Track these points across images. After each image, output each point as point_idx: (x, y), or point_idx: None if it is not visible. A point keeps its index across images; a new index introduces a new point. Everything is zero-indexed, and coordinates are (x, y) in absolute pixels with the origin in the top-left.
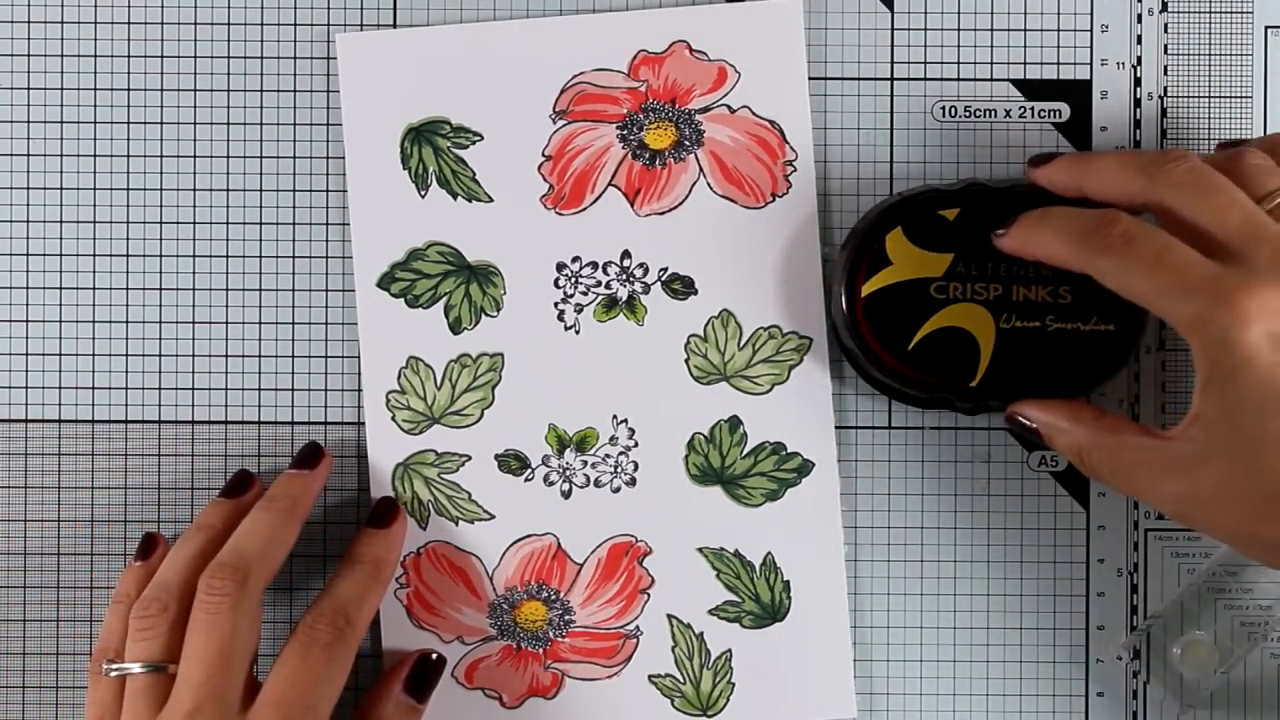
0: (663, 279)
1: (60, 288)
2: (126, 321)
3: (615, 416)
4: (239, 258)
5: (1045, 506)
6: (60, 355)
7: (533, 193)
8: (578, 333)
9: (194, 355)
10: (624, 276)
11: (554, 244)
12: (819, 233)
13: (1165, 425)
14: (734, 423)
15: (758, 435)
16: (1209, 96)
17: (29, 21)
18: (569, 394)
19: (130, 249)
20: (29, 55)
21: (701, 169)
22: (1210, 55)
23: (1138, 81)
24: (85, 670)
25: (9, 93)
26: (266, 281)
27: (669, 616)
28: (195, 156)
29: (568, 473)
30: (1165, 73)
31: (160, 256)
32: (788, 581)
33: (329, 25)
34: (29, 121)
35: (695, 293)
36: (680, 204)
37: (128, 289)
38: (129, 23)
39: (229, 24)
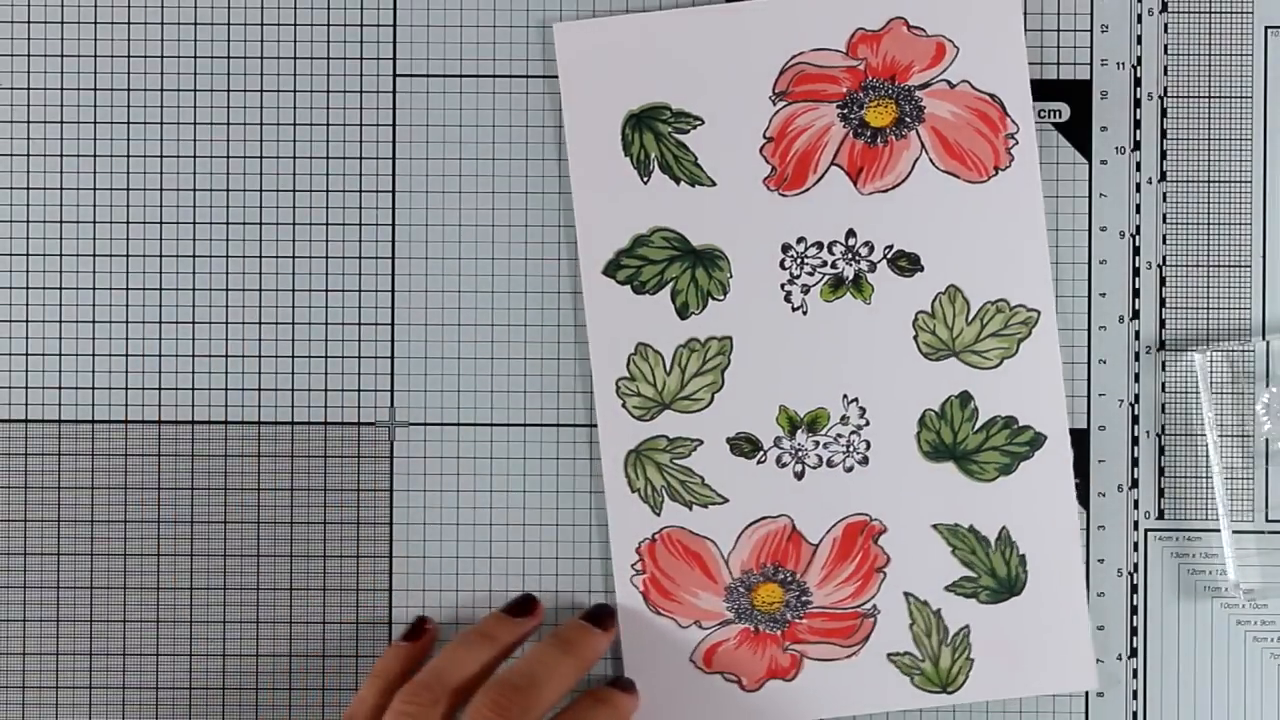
0: (888, 256)
1: (60, 288)
2: (126, 321)
3: (845, 396)
4: (239, 258)
5: None
6: (60, 355)
7: (755, 175)
8: (805, 313)
9: (194, 355)
10: (849, 255)
11: (778, 225)
12: (1043, 205)
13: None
14: (965, 398)
15: (989, 410)
16: (1209, 96)
17: (29, 21)
18: (798, 375)
19: (130, 249)
20: (29, 55)
21: (923, 145)
22: (1210, 55)
23: (1138, 81)
24: (85, 670)
25: (9, 93)
26: (266, 281)
27: (906, 594)
28: (195, 156)
29: (800, 454)
30: (1165, 73)
31: (160, 256)
32: (1023, 555)
33: (329, 25)
34: (29, 121)
35: (921, 269)
36: (903, 181)
37: (128, 289)
38: (129, 23)
39: (229, 24)
